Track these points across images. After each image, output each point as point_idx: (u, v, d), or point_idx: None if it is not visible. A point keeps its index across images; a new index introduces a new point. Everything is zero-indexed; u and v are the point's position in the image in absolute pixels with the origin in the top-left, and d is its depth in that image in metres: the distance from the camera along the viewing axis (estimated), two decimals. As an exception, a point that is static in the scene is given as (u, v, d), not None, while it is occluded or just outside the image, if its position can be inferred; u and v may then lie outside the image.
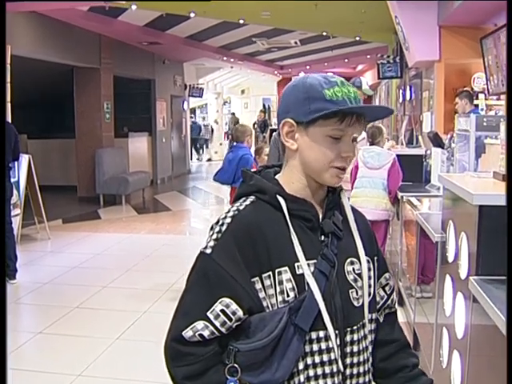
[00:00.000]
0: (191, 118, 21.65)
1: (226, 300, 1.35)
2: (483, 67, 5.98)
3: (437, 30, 6.95)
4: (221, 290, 1.35)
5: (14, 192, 6.96)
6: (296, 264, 1.38)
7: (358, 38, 12.67)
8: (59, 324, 4.96)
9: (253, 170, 1.53)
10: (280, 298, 1.37)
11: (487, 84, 5.98)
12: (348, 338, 1.43)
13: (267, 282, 1.37)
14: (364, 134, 5.90)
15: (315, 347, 1.39)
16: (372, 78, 16.90)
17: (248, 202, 1.45)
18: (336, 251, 1.43)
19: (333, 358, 1.40)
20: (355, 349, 1.44)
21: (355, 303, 1.45)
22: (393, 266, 6.09)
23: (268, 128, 20.92)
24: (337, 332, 1.40)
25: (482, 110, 6.26)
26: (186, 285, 1.42)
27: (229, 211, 1.44)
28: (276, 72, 20.77)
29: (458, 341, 2.67)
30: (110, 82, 12.38)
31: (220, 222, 1.42)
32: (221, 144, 23.57)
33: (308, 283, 1.37)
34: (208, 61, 16.50)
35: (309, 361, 1.39)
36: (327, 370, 1.40)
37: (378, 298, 1.57)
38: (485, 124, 3.80)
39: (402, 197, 5.24)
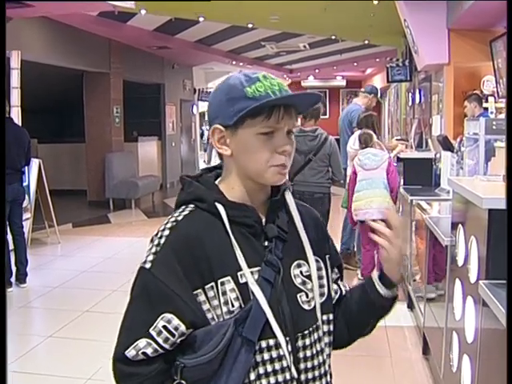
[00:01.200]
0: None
1: (168, 315, 1.30)
2: (493, 70, 5.97)
3: (446, 32, 6.92)
4: (162, 305, 1.31)
5: (25, 196, 6.98)
6: (239, 273, 1.33)
7: (366, 42, 12.66)
8: (69, 328, 4.98)
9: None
10: (225, 309, 1.32)
11: (497, 87, 5.96)
12: (300, 343, 1.39)
13: (211, 294, 1.32)
14: (357, 143, 6.17)
15: (266, 356, 1.34)
16: (381, 81, 16.88)
17: (186, 212, 1.40)
18: (281, 255, 1.39)
19: (285, 365, 1.35)
20: (308, 353, 1.40)
21: (305, 307, 1.41)
22: (402, 270, 6.08)
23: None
24: (287, 339, 1.36)
25: (491, 113, 6.23)
26: (129, 300, 1.37)
27: (167, 222, 1.39)
28: (285, 76, 20.75)
29: (467, 345, 2.66)
30: (120, 86, 12.43)
31: (159, 235, 1.37)
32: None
33: (253, 292, 1.32)
34: (217, 65, 16.53)
35: (261, 370, 1.34)
36: (280, 378, 1.35)
37: (332, 294, 1.52)
38: (494, 127, 3.79)
39: (411, 200, 5.24)
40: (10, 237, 6.25)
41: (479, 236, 2.53)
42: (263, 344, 1.34)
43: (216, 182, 1.44)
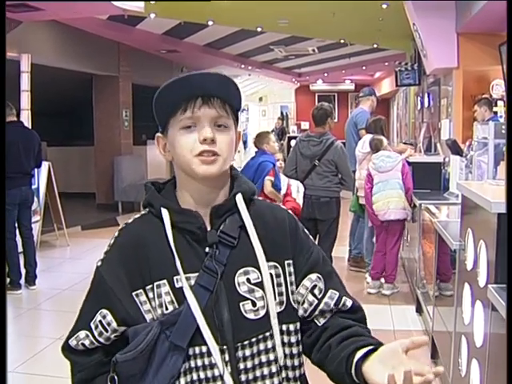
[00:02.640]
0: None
1: (104, 311, 1.37)
2: (502, 74, 5.95)
3: (455, 36, 6.92)
4: (101, 301, 1.38)
5: (34, 199, 7.02)
6: (175, 277, 1.34)
7: (375, 46, 12.65)
8: (78, 330, 4.99)
9: (269, 176, 1.53)
10: (159, 312, 1.35)
11: (506, 91, 5.95)
12: (240, 353, 1.35)
13: (150, 295, 1.35)
14: (366, 146, 6.32)
15: (199, 362, 1.34)
16: (390, 85, 16.86)
17: (138, 216, 1.46)
18: (225, 262, 1.36)
19: (217, 374, 1.33)
20: (249, 365, 1.36)
21: (250, 316, 1.36)
22: (411, 274, 6.07)
23: (286, 135, 20.90)
24: (224, 347, 1.34)
25: (501, 117, 6.22)
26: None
27: (121, 226, 1.46)
28: (294, 79, 20.77)
29: (476, 349, 2.66)
30: (129, 89, 12.46)
31: (113, 235, 1.46)
32: (239, 151, 23.67)
33: (184, 298, 1.33)
34: (226, 68, 16.52)
35: (194, 376, 1.34)
36: None
37: (306, 305, 1.44)
38: (503, 131, 3.77)
39: (420, 204, 5.24)
40: (19, 239, 6.28)
41: (488, 240, 2.53)
42: (196, 350, 1.34)
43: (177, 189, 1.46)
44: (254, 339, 1.36)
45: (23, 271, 6.21)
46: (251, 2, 8.35)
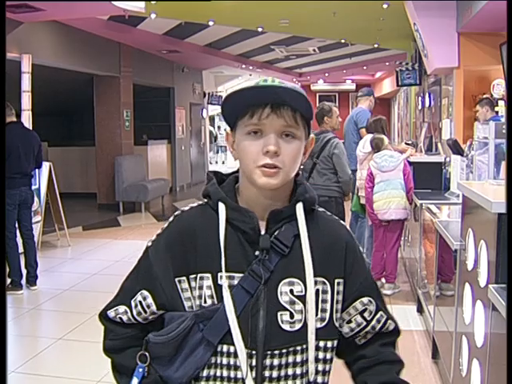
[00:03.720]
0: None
1: (145, 293, 1.42)
2: (503, 73, 5.95)
3: (456, 36, 6.91)
4: (144, 282, 1.42)
5: (35, 199, 7.02)
6: (220, 274, 1.34)
7: (376, 46, 12.65)
8: (79, 330, 5.00)
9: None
10: (198, 302, 1.36)
11: (506, 90, 5.95)
12: (268, 361, 1.34)
13: (192, 284, 1.37)
14: (367, 146, 6.33)
15: (225, 361, 1.35)
16: (391, 85, 16.86)
17: (195, 205, 1.46)
18: (272, 268, 1.35)
19: (239, 376, 1.33)
20: (274, 374, 1.35)
21: (285, 326, 1.35)
22: (412, 274, 6.07)
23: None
24: (253, 352, 1.33)
25: (502, 116, 6.22)
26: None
27: (178, 211, 1.48)
28: (295, 79, 20.75)
29: (477, 349, 2.66)
30: (130, 90, 12.47)
31: (168, 220, 1.47)
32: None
33: (223, 296, 1.33)
34: (227, 68, 16.57)
35: (218, 372, 1.36)
36: None
37: (353, 325, 1.44)
38: (504, 131, 3.77)
39: (421, 204, 5.24)
40: (19, 240, 6.28)
41: (489, 240, 2.53)
42: (224, 348, 1.34)
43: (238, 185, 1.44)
44: (284, 350, 1.35)
45: (24, 272, 6.21)
46: (252, 2, 8.35)
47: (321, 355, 1.39)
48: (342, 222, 1.50)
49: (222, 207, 1.37)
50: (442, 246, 4.07)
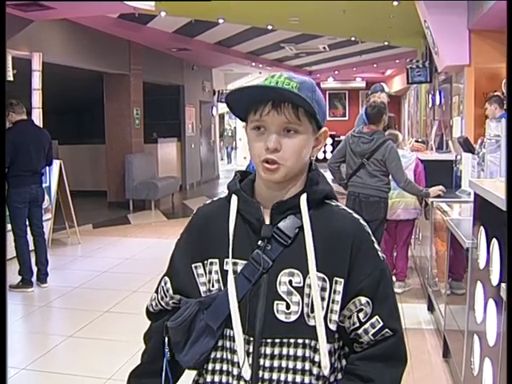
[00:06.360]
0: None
1: (166, 279, 1.55)
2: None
3: (466, 33, 6.89)
4: (167, 270, 1.56)
5: (46, 197, 7.04)
6: (226, 259, 1.41)
7: (386, 43, 12.62)
8: (89, 328, 5.01)
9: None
10: (206, 288, 1.45)
11: (507, 90, 5.91)
12: (264, 349, 1.37)
13: (207, 269, 1.45)
14: None
15: (227, 344, 1.40)
16: (401, 82, 16.80)
17: (216, 198, 1.57)
18: (274, 258, 1.38)
19: (235, 360, 1.38)
20: (270, 364, 1.36)
21: (280, 317, 1.36)
22: (422, 272, 6.05)
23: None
24: (251, 339, 1.37)
25: (511, 114, 6.18)
26: None
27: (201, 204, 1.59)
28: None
29: (489, 348, 2.64)
30: (140, 88, 12.49)
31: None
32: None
33: (227, 281, 1.40)
34: (236, 66, 16.57)
35: (218, 354, 1.42)
36: (229, 369, 1.40)
37: (347, 324, 1.41)
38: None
39: (432, 202, 5.21)
40: (30, 237, 6.31)
41: (501, 238, 2.51)
42: (226, 332, 1.40)
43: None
44: (279, 340, 1.36)
45: (35, 269, 6.23)
46: (262, 0, 8.35)
47: (311, 355, 1.37)
48: (356, 215, 1.46)
49: (234, 199, 1.45)
50: (453, 244, 4.05)
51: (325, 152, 20.32)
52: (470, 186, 3.57)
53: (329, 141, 20.18)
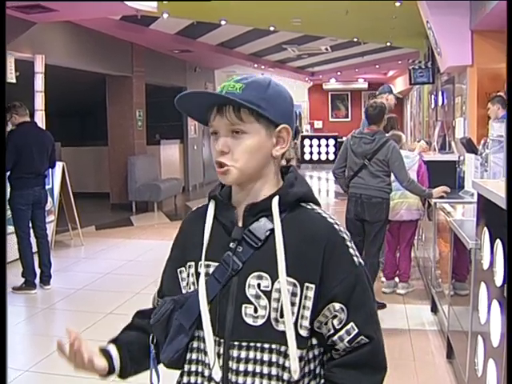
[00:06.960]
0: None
1: (159, 281, 1.60)
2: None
3: (469, 34, 6.88)
4: (161, 273, 1.60)
5: (49, 199, 7.05)
6: (200, 262, 1.43)
7: (389, 44, 12.61)
8: (92, 330, 5.00)
9: None
10: (185, 291, 1.47)
11: (507, 90, 5.90)
12: (233, 352, 1.36)
13: (187, 272, 1.47)
14: None
15: (201, 345, 1.41)
16: (403, 83, 16.80)
17: (201, 205, 1.57)
18: (244, 260, 1.37)
19: (207, 361, 1.39)
20: (240, 367, 1.35)
21: (248, 320, 1.35)
22: (426, 273, 6.04)
23: (299, 134, 20.85)
24: (221, 341, 1.37)
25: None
26: None
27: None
28: (307, 78, 20.75)
29: (493, 349, 2.63)
30: (142, 90, 12.50)
31: None
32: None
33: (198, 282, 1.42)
34: (239, 68, 16.57)
35: (193, 356, 1.43)
36: (205, 371, 1.40)
37: (324, 330, 1.38)
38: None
39: (435, 203, 5.20)
40: (33, 239, 6.31)
41: (505, 239, 2.50)
42: (200, 334, 1.41)
43: None
44: (247, 344, 1.35)
45: (38, 271, 6.23)
46: (264, 1, 8.35)
47: (279, 360, 1.35)
48: (330, 219, 1.42)
49: (211, 204, 1.48)
50: (456, 245, 4.05)
51: (327, 153, 20.34)
52: (473, 186, 3.57)
53: (331, 142, 20.18)
